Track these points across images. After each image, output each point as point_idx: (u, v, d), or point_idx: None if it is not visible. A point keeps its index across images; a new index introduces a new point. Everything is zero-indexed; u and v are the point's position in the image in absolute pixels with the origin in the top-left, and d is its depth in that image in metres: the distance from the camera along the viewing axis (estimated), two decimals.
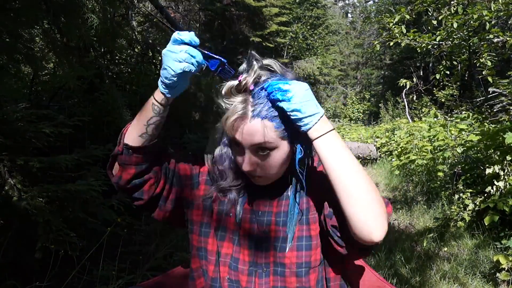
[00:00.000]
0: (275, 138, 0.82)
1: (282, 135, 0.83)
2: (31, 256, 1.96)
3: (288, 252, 0.91)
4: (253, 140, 0.82)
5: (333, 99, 19.52)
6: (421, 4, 4.66)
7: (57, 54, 2.26)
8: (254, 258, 0.93)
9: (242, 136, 0.82)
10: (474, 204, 3.17)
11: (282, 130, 0.83)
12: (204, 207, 0.98)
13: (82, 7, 2.14)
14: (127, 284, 1.97)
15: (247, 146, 0.83)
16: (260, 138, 0.81)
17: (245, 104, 0.81)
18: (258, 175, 0.88)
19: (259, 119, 0.81)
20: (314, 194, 0.94)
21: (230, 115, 0.81)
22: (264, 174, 0.88)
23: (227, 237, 0.95)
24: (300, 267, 0.90)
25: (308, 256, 0.91)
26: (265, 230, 0.93)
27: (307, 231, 0.92)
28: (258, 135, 0.81)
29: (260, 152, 0.84)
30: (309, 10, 18.97)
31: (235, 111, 0.81)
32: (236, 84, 0.82)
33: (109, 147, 2.49)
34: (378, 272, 1.83)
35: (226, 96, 0.83)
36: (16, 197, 1.98)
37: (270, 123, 0.81)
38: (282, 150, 0.85)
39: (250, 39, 10.30)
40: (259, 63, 0.84)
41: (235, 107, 0.81)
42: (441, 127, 5.15)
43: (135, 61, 3.96)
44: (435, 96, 8.90)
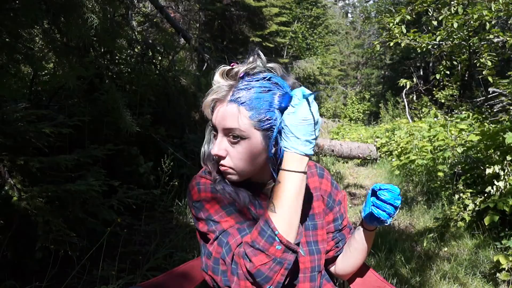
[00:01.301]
0: (247, 127, 0.81)
1: (256, 126, 0.81)
2: (31, 256, 1.96)
3: (301, 257, 0.92)
4: (225, 123, 0.82)
5: (333, 99, 19.53)
6: (421, 4, 4.66)
7: (57, 54, 2.26)
8: None
9: (217, 118, 0.83)
10: (474, 204, 3.17)
11: (257, 121, 0.81)
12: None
13: (82, 7, 2.14)
14: (127, 284, 1.97)
15: (220, 129, 0.83)
16: (232, 123, 0.81)
17: (229, 89, 0.82)
18: (227, 165, 0.85)
19: (235, 104, 0.81)
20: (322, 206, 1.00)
21: (211, 93, 0.83)
22: (233, 164, 0.84)
23: None
24: (313, 271, 0.92)
25: (319, 260, 0.94)
26: None
27: (314, 237, 0.95)
28: (231, 120, 0.81)
29: (232, 139, 0.82)
30: (308, 10, 18.96)
31: (217, 91, 0.82)
32: (228, 68, 0.83)
33: (109, 147, 2.49)
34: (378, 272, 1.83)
35: (217, 77, 0.84)
36: (16, 197, 1.98)
37: (246, 111, 0.81)
38: (254, 141, 0.82)
39: (250, 39, 10.30)
40: (260, 61, 0.84)
41: (218, 88, 0.83)
42: (441, 127, 5.16)
43: (135, 61, 3.95)
44: (435, 96, 8.91)
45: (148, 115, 3.54)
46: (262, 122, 0.81)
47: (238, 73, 0.82)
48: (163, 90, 4.10)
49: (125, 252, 2.33)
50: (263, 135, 0.82)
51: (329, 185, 1.03)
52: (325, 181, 1.02)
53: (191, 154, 3.89)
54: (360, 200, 4.66)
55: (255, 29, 10.66)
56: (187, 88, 4.38)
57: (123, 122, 2.59)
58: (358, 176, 6.34)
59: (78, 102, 3.11)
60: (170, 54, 4.26)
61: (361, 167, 7.34)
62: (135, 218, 2.83)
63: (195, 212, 0.89)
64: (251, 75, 0.83)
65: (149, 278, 1.99)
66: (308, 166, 0.93)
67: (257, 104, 0.80)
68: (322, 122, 13.59)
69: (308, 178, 0.98)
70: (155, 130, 3.65)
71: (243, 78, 0.82)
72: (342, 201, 1.06)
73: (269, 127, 0.82)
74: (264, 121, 0.81)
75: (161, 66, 4.16)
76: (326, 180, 1.03)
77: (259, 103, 0.80)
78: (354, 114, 16.65)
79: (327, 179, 1.03)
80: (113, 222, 2.29)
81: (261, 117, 0.81)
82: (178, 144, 3.94)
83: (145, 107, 3.54)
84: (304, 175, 0.79)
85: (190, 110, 4.43)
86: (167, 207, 3.21)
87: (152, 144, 3.60)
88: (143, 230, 2.80)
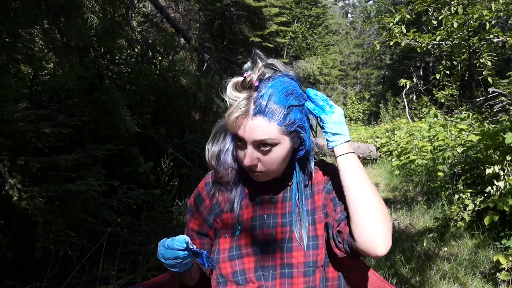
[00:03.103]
0: (277, 134, 0.83)
1: (284, 131, 0.84)
2: (31, 256, 1.96)
3: (295, 252, 0.91)
4: (255, 136, 0.82)
5: (333, 99, 19.51)
6: (421, 4, 4.65)
7: (57, 54, 2.26)
8: (261, 261, 0.93)
9: (245, 133, 0.83)
10: (474, 204, 3.17)
11: (284, 126, 0.83)
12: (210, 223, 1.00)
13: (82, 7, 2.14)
14: (127, 284, 1.97)
15: (250, 142, 0.84)
16: (262, 135, 0.82)
17: (249, 101, 0.82)
18: (259, 170, 0.88)
19: (261, 116, 0.82)
20: (321, 196, 0.96)
21: (234, 111, 0.82)
22: (265, 169, 0.88)
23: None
24: (307, 266, 0.91)
25: (315, 255, 0.92)
26: (271, 233, 0.93)
27: (313, 231, 0.93)
28: (261, 132, 0.82)
29: (262, 148, 0.84)
30: (308, 10, 18.95)
31: (239, 107, 0.82)
32: (242, 80, 0.83)
33: (109, 147, 2.49)
34: (378, 272, 1.83)
35: (231, 92, 0.84)
36: (16, 197, 1.98)
37: (273, 120, 0.82)
38: (284, 145, 0.86)
39: (250, 39, 10.30)
40: (263, 61, 0.85)
41: (238, 103, 0.82)
42: (441, 127, 5.15)
43: (135, 61, 3.95)
44: (435, 96, 8.91)
45: (148, 115, 3.54)
46: (289, 126, 0.84)
47: (252, 81, 0.82)
48: (163, 90, 4.10)
49: (125, 252, 2.33)
50: (291, 137, 0.86)
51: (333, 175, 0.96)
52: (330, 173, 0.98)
53: (191, 154, 3.89)
54: None
55: (255, 29, 10.65)
56: (187, 88, 4.39)
57: (123, 122, 2.59)
58: None
59: (78, 102, 3.11)
60: (170, 54, 4.26)
61: None
62: (135, 218, 2.83)
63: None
64: (264, 80, 0.83)
65: (149, 278, 1.99)
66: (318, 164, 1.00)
67: (281, 110, 0.82)
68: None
69: (314, 173, 0.97)
70: (155, 130, 3.65)
71: (258, 87, 0.83)
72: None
73: (295, 128, 0.86)
74: (291, 124, 0.84)
75: (161, 66, 4.16)
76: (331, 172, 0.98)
77: (283, 108, 0.82)
78: (354, 114, 16.65)
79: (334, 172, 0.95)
80: (113, 222, 2.29)
81: (287, 121, 0.84)
82: (178, 144, 3.93)
83: (145, 107, 3.54)
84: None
85: (190, 110, 4.43)
86: (167, 207, 3.20)
87: (152, 144, 3.60)
88: (143, 230, 2.80)
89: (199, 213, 1.00)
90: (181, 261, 0.81)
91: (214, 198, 0.98)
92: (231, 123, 0.83)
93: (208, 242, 1.00)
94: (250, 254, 0.93)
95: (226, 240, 0.95)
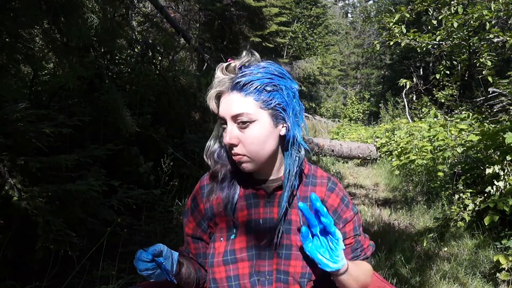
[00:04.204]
0: (254, 109, 0.85)
1: (261, 107, 0.86)
2: (31, 256, 1.96)
3: (293, 261, 0.91)
4: (231, 110, 0.85)
5: (333, 99, 19.53)
6: (421, 3, 4.65)
7: (57, 54, 2.26)
8: (256, 267, 0.92)
9: (223, 109, 0.87)
10: (474, 204, 3.17)
11: (261, 101, 0.85)
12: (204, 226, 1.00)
13: (82, 7, 2.14)
14: (127, 284, 1.97)
15: (228, 118, 0.86)
16: (238, 108, 0.84)
17: (228, 81, 0.86)
18: (240, 153, 0.87)
19: (236, 91, 0.85)
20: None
21: (213, 86, 0.88)
22: (246, 151, 0.87)
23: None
24: (303, 277, 0.90)
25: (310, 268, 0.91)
26: (267, 239, 0.92)
27: None
28: (237, 105, 0.85)
29: (241, 125, 0.85)
30: (308, 10, 18.95)
31: (219, 84, 0.87)
32: (226, 64, 0.87)
33: (109, 147, 2.49)
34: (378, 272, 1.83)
35: (217, 74, 0.88)
36: (16, 197, 1.98)
37: (250, 95, 0.85)
38: (262, 122, 0.86)
39: (250, 39, 10.29)
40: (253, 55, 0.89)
41: (219, 81, 0.87)
42: (441, 127, 5.15)
43: (135, 61, 3.95)
44: (435, 96, 8.91)
45: (148, 115, 3.53)
46: (266, 102, 0.85)
47: (235, 66, 0.87)
48: (163, 90, 4.09)
49: (125, 252, 2.33)
50: (271, 114, 0.87)
51: (338, 201, 0.97)
52: (334, 196, 0.97)
53: (191, 154, 3.89)
54: (360, 200, 4.66)
55: (255, 29, 10.64)
56: (187, 88, 4.38)
57: (123, 122, 2.59)
58: (358, 176, 6.34)
59: (78, 102, 3.11)
60: (170, 54, 4.26)
61: (361, 167, 7.35)
62: (135, 218, 2.83)
63: None
64: (247, 66, 0.87)
65: None
66: (320, 176, 0.99)
67: (258, 86, 0.84)
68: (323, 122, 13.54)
69: (316, 186, 0.97)
70: (155, 130, 3.65)
71: (241, 69, 0.86)
72: (350, 220, 0.97)
73: (274, 105, 0.87)
74: (269, 101, 0.86)
75: (161, 66, 4.16)
76: (335, 195, 0.97)
77: (261, 84, 0.85)
78: (354, 114, 16.64)
79: (337, 195, 0.97)
80: (113, 222, 2.29)
81: (264, 97, 0.85)
82: (178, 144, 3.93)
83: (145, 107, 3.53)
84: None
85: (190, 110, 4.43)
86: (167, 207, 3.20)
87: (152, 144, 3.60)
88: (143, 230, 2.80)
89: (193, 217, 1.00)
90: (152, 272, 0.82)
91: (208, 201, 0.98)
92: (210, 96, 0.88)
93: (203, 246, 1.00)
94: (244, 259, 0.92)
95: (221, 244, 0.94)
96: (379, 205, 4.36)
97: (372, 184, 5.74)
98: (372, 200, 4.51)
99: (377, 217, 3.73)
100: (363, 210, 4.03)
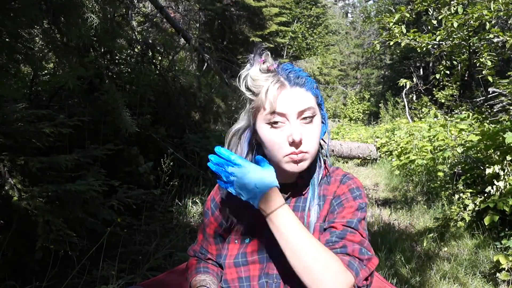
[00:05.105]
0: (314, 103, 0.86)
1: (317, 101, 0.88)
2: (31, 256, 1.96)
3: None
4: (299, 105, 0.83)
5: (333, 99, 19.52)
6: (421, 3, 4.65)
7: (57, 54, 2.26)
8: (266, 269, 0.92)
9: (287, 104, 0.82)
10: (474, 204, 3.17)
11: (315, 96, 0.87)
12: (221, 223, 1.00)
13: (82, 7, 2.14)
14: (127, 284, 1.97)
15: (293, 113, 0.83)
16: (305, 103, 0.84)
17: (278, 78, 0.84)
18: (304, 150, 0.83)
19: (298, 86, 0.84)
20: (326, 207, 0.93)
21: (270, 86, 0.82)
22: (309, 147, 0.84)
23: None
24: None
25: None
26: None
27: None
28: (303, 100, 0.84)
29: (305, 120, 0.84)
30: (308, 9, 18.95)
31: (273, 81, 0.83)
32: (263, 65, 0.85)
33: (109, 147, 2.49)
34: (378, 272, 1.83)
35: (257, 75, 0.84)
36: (16, 197, 1.98)
37: (308, 89, 0.85)
38: (319, 117, 0.88)
39: (250, 39, 10.30)
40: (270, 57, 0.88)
41: (270, 81, 0.83)
42: (441, 127, 5.16)
43: (135, 61, 3.95)
44: (435, 96, 8.91)
45: (148, 115, 3.54)
46: (318, 97, 0.88)
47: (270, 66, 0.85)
48: (163, 90, 4.09)
49: (125, 252, 2.33)
50: (320, 109, 0.90)
51: (345, 190, 0.91)
52: (342, 186, 0.92)
53: (191, 154, 3.89)
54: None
55: (255, 29, 10.66)
56: (187, 88, 4.38)
57: (123, 122, 2.59)
58: (358, 176, 6.32)
59: (78, 102, 3.11)
60: (170, 54, 4.26)
61: (361, 167, 7.34)
62: (135, 218, 2.83)
63: None
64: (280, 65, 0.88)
65: (149, 278, 1.99)
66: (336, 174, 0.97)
67: (310, 81, 0.86)
68: None
69: (330, 184, 0.94)
70: (155, 130, 3.65)
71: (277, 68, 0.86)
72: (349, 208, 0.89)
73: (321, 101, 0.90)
74: (319, 96, 0.89)
75: (161, 66, 4.16)
76: (345, 186, 0.92)
77: (309, 80, 0.86)
78: (354, 114, 16.64)
79: (348, 186, 0.92)
80: (113, 222, 2.30)
81: (317, 92, 0.88)
82: (178, 144, 3.94)
83: (145, 107, 3.54)
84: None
85: (190, 110, 4.43)
86: (167, 207, 3.21)
87: (152, 144, 3.60)
88: (143, 230, 2.80)
89: (214, 217, 1.01)
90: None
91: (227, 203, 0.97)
92: (271, 98, 0.81)
93: (224, 247, 1.00)
94: (255, 262, 0.92)
95: (235, 246, 0.95)
96: (379, 205, 4.36)
97: (372, 184, 5.74)
98: (372, 200, 4.51)
99: (377, 217, 3.73)
100: None
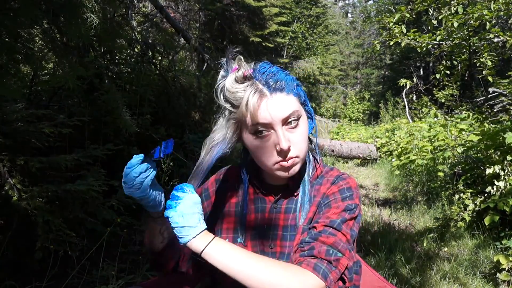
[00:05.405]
0: (298, 105, 0.84)
1: (300, 102, 0.85)
2: (31, 256, 1.96)
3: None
4: (283, 112, 0.80)
5: (333, 99, 19.53)
6: (421, 3, 4.65)
7: (57, 54, 2.26)
8: None
9: (270, 114, 0.79)
10: (474, 204, 3.17)
11: (298, 96, 0.85)
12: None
13: (82, 7, 2.14)
14: (127, 284, 1.97)
15: (277, 122, 0.80)
16: (289, 108, 0.81)
17: (256, 86, 0.79)
18: (293, 156, 0.82)
19: (279, 92, 0.81)
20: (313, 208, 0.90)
21: (249, 97, 0.78)
22: (298, 151, 0.82)
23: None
24: None
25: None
26: (270, 245, 0.90)
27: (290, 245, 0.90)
28: (286, 106, 0.81)
29: (291, 125, 0.82)
30: (308, 9, 18.95)
31: (251, 92, 0.79)
32: (238, 74, 0.80)
33: (109, 147, 2.49)
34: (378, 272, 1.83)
35: (233, 86, 0.80)
36: (16, 197, 1.98)
37: (290, 92, 0.82)
38: (304, 118, 0.86)
39: (250, 39, 10.30)
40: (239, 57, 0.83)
41: (248, 93, 0.79)
42: (441, 127, 5.16)
43: (135, 61, 3.95)
44: (435, 96, 8.92)
45: (148, 115, 3.53)
46: (300, 96, 0.85)
47: (246, 73, 0.80)
48: (163, 90, 4.09)
49: (125, 252, 2.33)
50: (304, 109, 0.87)
51: (334, 190, 0.89)
52: (332, 187, 0.90)
53: (191, 154, 3.89)
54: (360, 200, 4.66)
55: (255, 29, 10.65)
56: (187, 88, 4.38)
57: (123, 122, 2.59)
58: (358, 176, 6.34)
59: (78, 102, 3.11)
60: (170, 54, 4.26)
61: (361, 167, 7.34)
62: (135, 218, 2.83)
63: None
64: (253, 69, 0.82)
65: (149, 278, 1.99)
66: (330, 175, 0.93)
67: (290, 81, 0.83)
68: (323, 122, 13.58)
69: (322, 184, 0.91)
70: (155, 130, 3.65)
71: (253, 74, 0.80)
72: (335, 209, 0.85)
73: (304, 99, 0.87)
74: (301, 94, 0.86)
75: (161, 66, 4.16)
76: (335, 186, 0.89)
77: (291, 80, 0.83)
78: (354, 114, 16.65)
79: (338, 186, 0.89)
80: (113, 222, 2.29)
81: (299, 91, 0.85)
82: (178, 144, 3.93)
83: (145, 107, 3.54)
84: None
85: (190, 110, 4.43)
86: None
87: (152, 144, 3.60)
88: (143, 230, 2.80)
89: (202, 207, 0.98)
90: (147, 176, 0.81)
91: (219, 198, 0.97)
92: (253, 110, 0.78)
93: None
94: None
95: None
96: (379, 205, 4.36)
97: (372, 184, 5.74)
98: (372, 200, 4.51)
99: (377, 217, 3.73)
100: (363, 210, 4.03)
